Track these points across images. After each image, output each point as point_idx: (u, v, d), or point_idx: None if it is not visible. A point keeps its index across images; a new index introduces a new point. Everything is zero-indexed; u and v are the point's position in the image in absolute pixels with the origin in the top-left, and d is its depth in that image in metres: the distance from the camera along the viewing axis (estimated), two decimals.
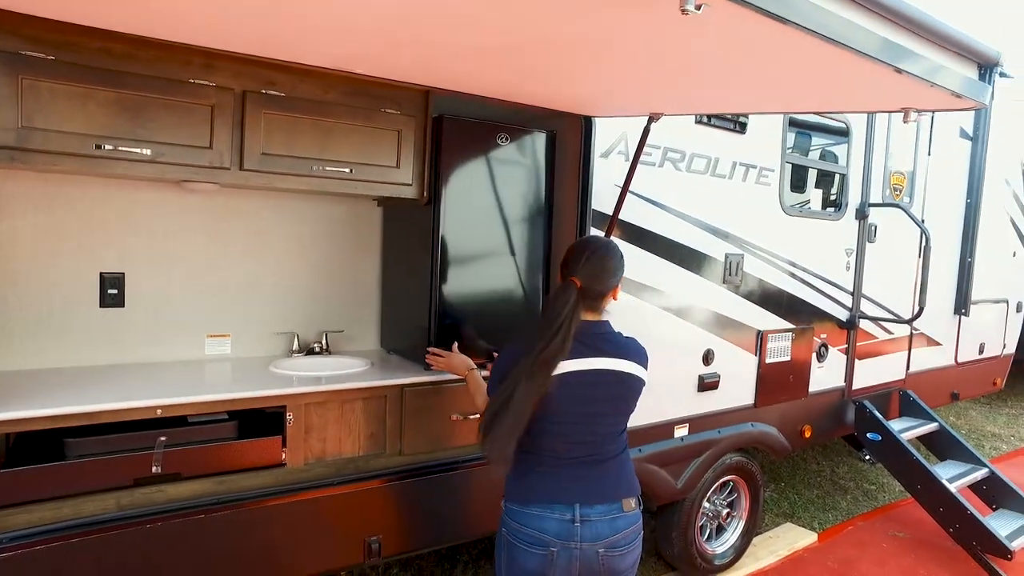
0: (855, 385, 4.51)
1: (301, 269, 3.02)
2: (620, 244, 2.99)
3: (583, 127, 2.87)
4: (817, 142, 4.29)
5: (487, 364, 2.84)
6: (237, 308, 2.86)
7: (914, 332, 4.99)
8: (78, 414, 2.03)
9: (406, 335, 2.96)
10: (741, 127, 3.48)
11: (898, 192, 4.69)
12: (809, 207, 4.19)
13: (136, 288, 2.65)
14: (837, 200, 4.30)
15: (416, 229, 2.83)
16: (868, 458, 4.47)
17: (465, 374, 2.45)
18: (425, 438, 2.66)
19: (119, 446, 2.11)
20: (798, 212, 3.96)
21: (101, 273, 2.58)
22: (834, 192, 4.33)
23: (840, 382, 4.42)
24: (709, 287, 3.46)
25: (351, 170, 2.52)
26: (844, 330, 4.38)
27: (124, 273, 2.62)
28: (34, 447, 2.09)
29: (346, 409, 2.52)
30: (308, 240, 3.03)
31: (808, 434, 4.21)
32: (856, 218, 4.36)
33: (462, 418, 2.72)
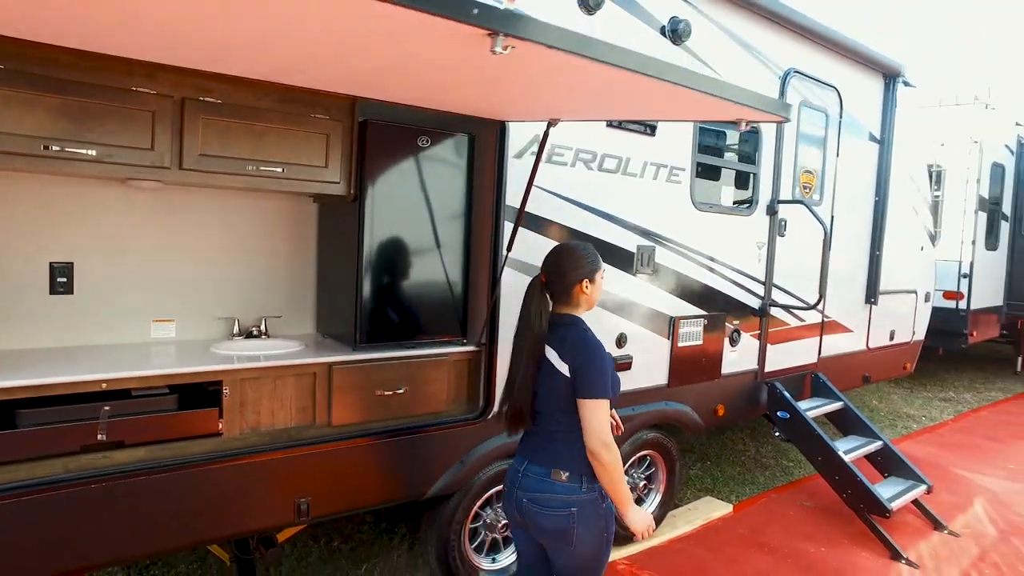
0: (768, 368, 4.89)
1: (242, 259, 3.26)
2: (532, 236, 3.32)
3: (499, 131, 3.16)
4: (731, 143, 4.65)
5: (414, 339, 3.14)
6: (181, 295, 3.09)
7: (826, 319, 5.40)
8: (29, 386, 2.27)
9: (338, 320, 3.23)
10: (651, 130, 3.80)
11: (808, 190, 5.08)
12: (721, 203, 4.53)
13: (85, 277, 2.87)
14: (749, 197, 4.66)
15: (345, 223, 3.10)
16: (778, 434, 4.86)
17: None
18: (352, 411, 2.94)
19: (67, 416, 2.34)
20: (709, 208, 4.30)
21: (51, 263, 2.79)
22: (746, 190, 4.68)
23: (753, 365, 4.80)
24: (621, 276, 3.76)
25: (283, 170, 2.78)
26: (757, 317, 4.76)
27: (73, 263, 2.84)
28: None
29: (279, 384, 2.79)
30: (248, 232, 3.27)
31: (721, 413, 4.58)
32: (767, 214, 4.73)
33: (388, 393, 3.01)
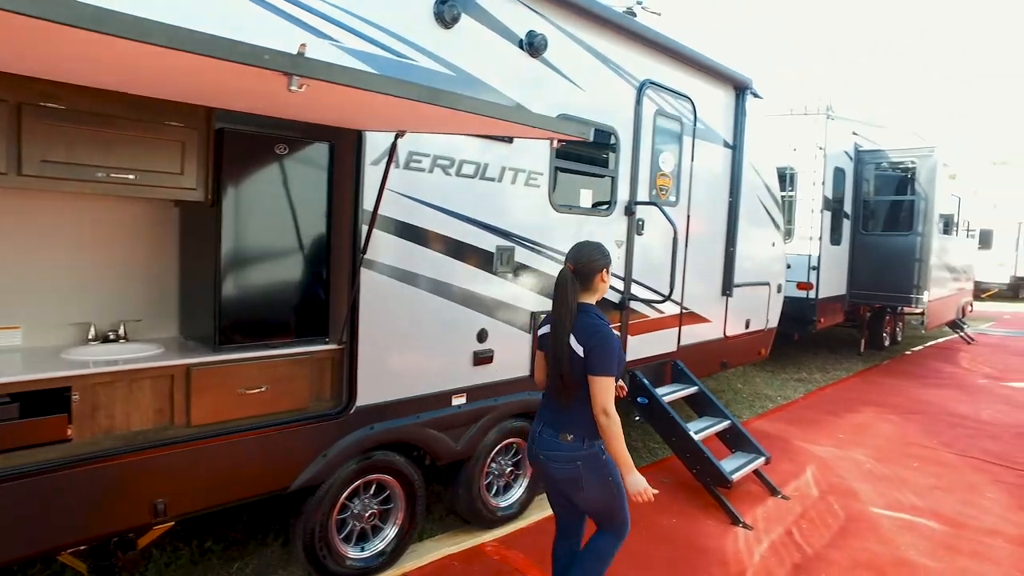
0: (629, 357, 5.26)
1: (98, 263, 3.22)
2: (392, 240, 3.49)
3: (356, 139, 3.30)
4: (589, 149, 4.96)
5: (275, 339, 3.23)
6: (28, 301, 3.03)
7: (684, 311, 5.86)
8: None
9: (200, 323, 3.27)
10: (508, 138, 4.04)
11: (664, 192, 5.49)
12: (580, 205, 4.83)
13: None
14: (608, 199, 5.00)
15: (205, 228, 3.15)
16: (638, 419, 5.26)
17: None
18: (213, 411, 3.01)
19: None
20: (568, 210, 4.60)
21: None
22: (605, 192, 5.02)
23: None
24: (480, 275, 3.98)
25: (136, 176, 2.80)
26: (617, 311, 5.12)
27: None
28: None
29: (134, 388, 2.83)
30: (106, 237, 3.23)
31: None
32: (625, 214, 5.09)
33: (250, 392, 3.10)
